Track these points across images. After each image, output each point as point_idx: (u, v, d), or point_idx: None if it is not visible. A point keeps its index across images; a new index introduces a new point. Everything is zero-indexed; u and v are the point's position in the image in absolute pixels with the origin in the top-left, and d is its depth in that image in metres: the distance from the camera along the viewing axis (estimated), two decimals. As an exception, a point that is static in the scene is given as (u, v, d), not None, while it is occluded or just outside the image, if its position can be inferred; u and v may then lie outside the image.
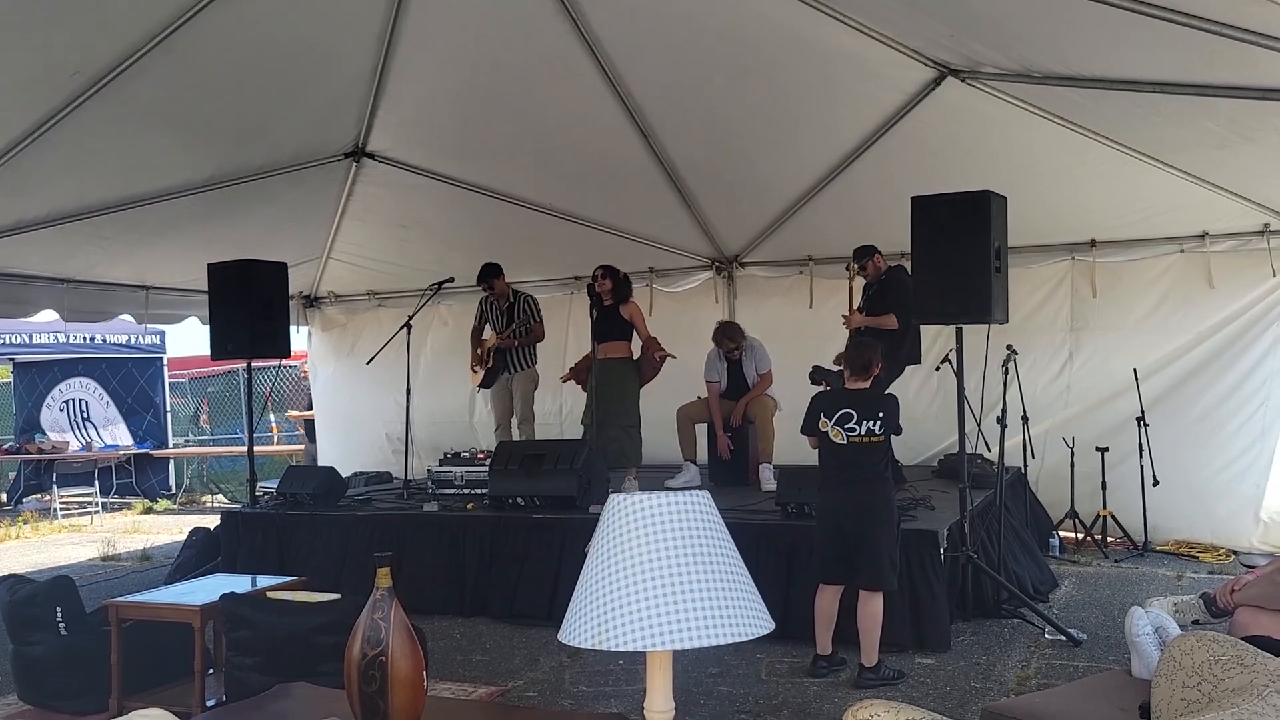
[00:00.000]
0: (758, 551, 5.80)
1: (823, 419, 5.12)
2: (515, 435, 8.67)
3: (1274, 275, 7.62)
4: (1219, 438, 7.81)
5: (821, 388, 6.00)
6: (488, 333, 8.60)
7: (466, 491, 7.47)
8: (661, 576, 1.58)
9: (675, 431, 8.08)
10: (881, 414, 5.05)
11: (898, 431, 5.17)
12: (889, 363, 6.95)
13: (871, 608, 4.99)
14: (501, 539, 6.76)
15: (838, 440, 5.08)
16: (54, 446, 13.47)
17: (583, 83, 6.88)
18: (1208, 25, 4.36)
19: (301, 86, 6.90)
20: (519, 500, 6.94)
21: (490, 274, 8.40)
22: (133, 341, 14.69)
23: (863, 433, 5.04)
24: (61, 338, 14.05)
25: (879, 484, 5.13)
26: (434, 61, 6.88)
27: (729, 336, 7.89)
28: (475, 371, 8.65)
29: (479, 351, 8.64)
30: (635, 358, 7.99)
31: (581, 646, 1.60)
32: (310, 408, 11.59)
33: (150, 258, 8.75)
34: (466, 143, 7.89)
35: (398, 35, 6.52)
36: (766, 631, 1.65)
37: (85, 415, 14.48)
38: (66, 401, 14.53)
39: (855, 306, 7.44)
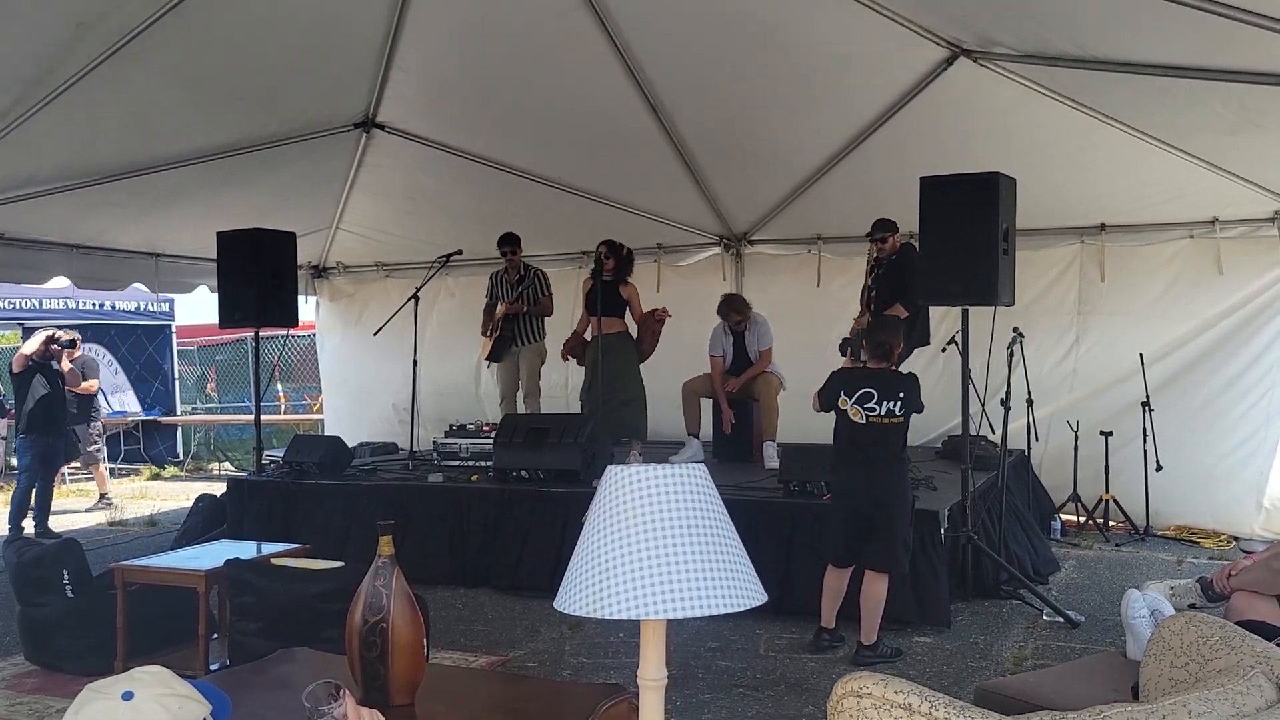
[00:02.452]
0: (759, 528, 5.82)
1: (842, 397, 5.10)
2: (520, 408, 8.70)
3: (1283, 262, 7.60)
4: (1223, 424, 7.81)
5: (847, 360, 5.95)
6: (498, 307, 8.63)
7: (471, 463, 7.49)
8: (656, 547, 1.60)
9: (679, 406, 8.10)
10: (902, 394, 5.03)
11: (919, 409, 5.15)
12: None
13: (877, 588, 5.01)
14: (505, 511, 6.80)
15: (857, 420, 5.06)
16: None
17: (594, 56, 6.85)
18: (1220, 9, 4.34)
19: (312, 56, 6.89)
20: (523, 473, 6.98)
21: (513, 240, 8.46)
22: (142, 309, 14.72)
23: (883, 413, 5.02)
24: (71, 304, 14.06)
25: (896, 465, 5.13)
26: (444, 33, 6.87)
27: (734, 309, 7.85)
28: (487, 338, 8.66)
29: (490, 322, 8.68)
30: (634, 335, 8.03)
31: (576, 614, 1.62)
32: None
33: (160, 224, 8.76)
34: (476, 115, 7.88)
35: (409, 5, 6.51)
36: (759, 603, 1.66)
37: (94, 381, 14.50)
38: (75, 367, 14.54)
39: (866, 286, 7.42)
